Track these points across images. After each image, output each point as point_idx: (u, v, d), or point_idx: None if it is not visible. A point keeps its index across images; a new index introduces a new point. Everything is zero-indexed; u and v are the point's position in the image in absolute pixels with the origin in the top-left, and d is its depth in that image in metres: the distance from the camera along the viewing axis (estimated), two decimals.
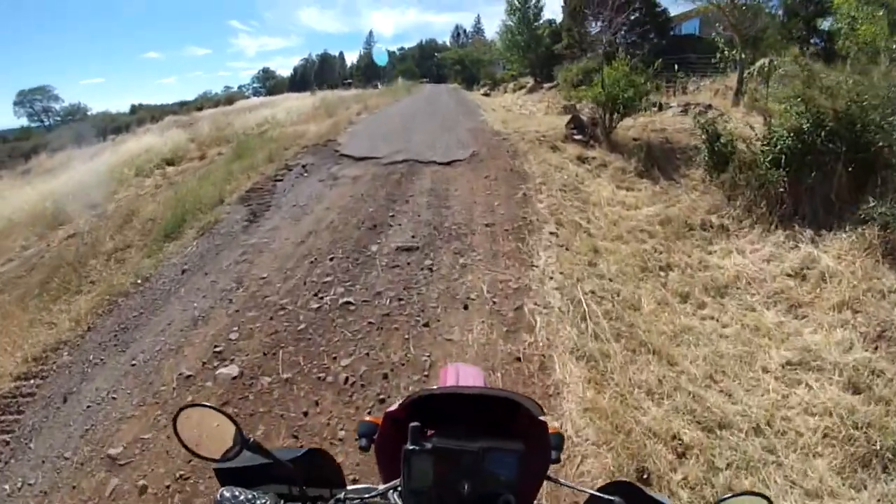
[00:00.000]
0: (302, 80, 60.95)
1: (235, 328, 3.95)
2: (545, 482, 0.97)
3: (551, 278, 4.56)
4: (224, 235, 5.78)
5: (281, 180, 7.87)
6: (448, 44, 65.33)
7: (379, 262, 4.73)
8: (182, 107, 44.84)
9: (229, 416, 0.86)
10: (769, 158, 6.90)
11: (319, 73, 62.03)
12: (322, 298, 4.16)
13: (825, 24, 16.38)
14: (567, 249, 5.20)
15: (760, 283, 5.64)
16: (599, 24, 23.74)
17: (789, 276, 5.63)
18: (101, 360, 3.98)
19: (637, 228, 6.50)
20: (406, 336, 3.64)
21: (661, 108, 12.46)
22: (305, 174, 8.12)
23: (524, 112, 16.73)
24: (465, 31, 66.34)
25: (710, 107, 11.98)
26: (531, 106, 18.36)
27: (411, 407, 0.90)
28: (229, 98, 45.26)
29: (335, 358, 3.49)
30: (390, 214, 5.99)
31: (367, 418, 1.13)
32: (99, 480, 2.72)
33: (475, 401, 0.91)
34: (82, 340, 4.31)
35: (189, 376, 3.54)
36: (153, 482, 2.65)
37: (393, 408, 0.95)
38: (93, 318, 4.57)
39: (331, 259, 4.85)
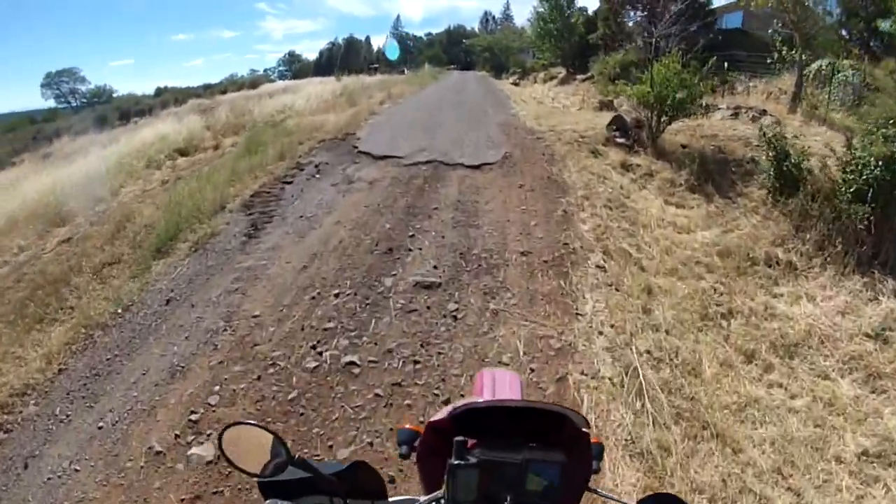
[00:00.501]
0: (328, 63, 60.03)
1: (217, 387, 3.27)
2: (585, 493, 0.93)
3: (600, 333, 3.76)
4: (219, 254, 5.09)
5: (290, 182, 7.16)
6: (476, 30, 63.78)
7: (393, 303, 3.97)
8: (206, 90, 44.50)
9: (272, 433, 0.87)
10: (851, 189, 5.93)
11: (345, 57, 60.99)
12: (321, 354, 3.43)
13: (885, 24, 14.74)
14: (617, 290, 4.38)
15: (835, 342, 4.90)
16: (638, 13, 22.39)
17: (868, 336, 4.92)
18: (68, 416, 3.38)
19: (693, 259, 5.63)
20: (421, 418, 2.89)
21: (707, 109, 11.31)
22: (318, 176, 7.40)
23: (557, 106, 15.73)
24: (493, 17, 64.63)
25: (764, 112, 10.85)
26: (564, 99, 17.31)
27: (455, 419, 0.91)
28: (253, 82, 44.76)
29: (331, 446, 2.77)
30: (409, 234, 5.21)
31: (407, 426, 1.13)
32: None
33: (518, 412, 0.92)
34: (51, 386, 3.71)
35: (159, 452, 2.90)
36: None
37: (437, 418, 0.95)
38: (65, 357, 3.96)
39: (336, 295, 4.11)
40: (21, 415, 3.49)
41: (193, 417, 3.07)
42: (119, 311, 4.35)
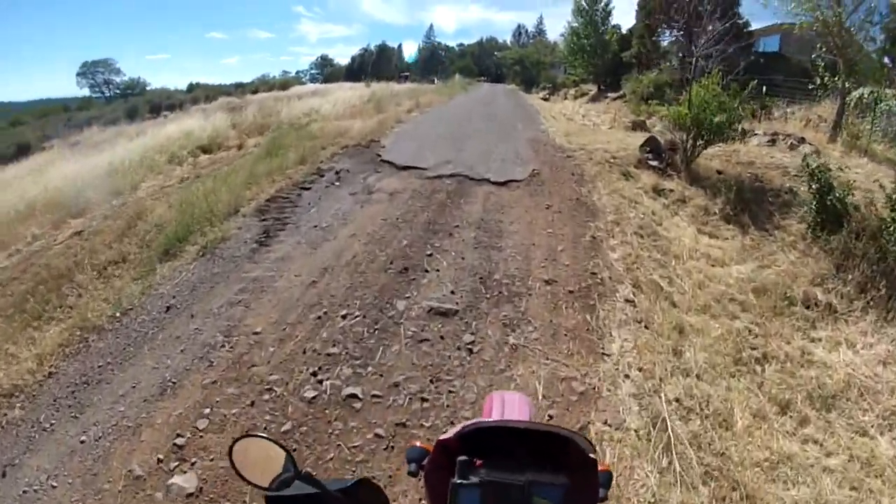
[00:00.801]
0: (359, 69, 60.54)
1: (207, 410, 3.04)
2: None
3: (627, 376, 3.43)
4: (226, 261, 4.88)
5: (308, 189, 6.97)
6: (509, 43, 63.69)
7: (404, 330, 3.69)
8: (237, 88, 45.23)
9: (282, 446, 0.88)
10: None
11: (377, 63, 61.43)
12: (321, 382, 3.16)
13: None
14: (647, 328, 4.04)
15: (875, 395, 4.51)
16: (675, 33, 21.95)
17: None
18: (52, 425, 3.22)
19: (727, 296, 5.24)
20: (429, 438, 2.60)
21: (744, 135, 10.86)
22: (337, 184, 7.19)
23: (587, 123, 15.36)
24: (526, 30, 64.44)
25: (802, 140, 10.37)
26: (595, 117, 16.95)
27: (463, 438, 0.92)
28: (284, 83, 45.31)
29: None
30: (427, 253, 4.94)
31: (417, 443, 1.12)
32: None
33: (525, 433, 0.93)
34: (40, 390, 3.56)
35: (139, 477, 2.70)
36: None
37: (446, 436, 0.94)
38: (57, 360, 3.80)
39: (343, 316, 3.84)
40: (6, 418, 3.35)
41: (179, 442, 2.85)
42: (117, 314, 4.17)
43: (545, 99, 27.55)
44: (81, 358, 3.77)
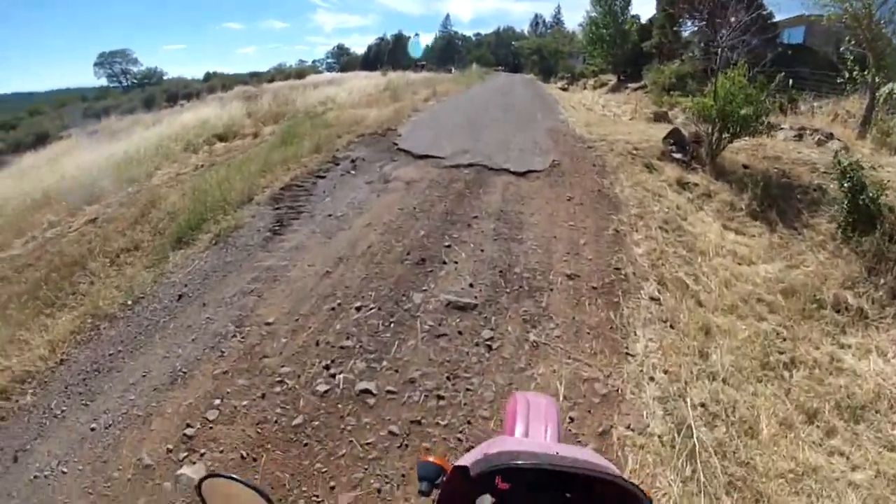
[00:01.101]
0: (375, 58, 60.36)
1: (217, 401, 2.97)
2: None
3: (652, 379, 3.29)
4: (239, 249, 4.82)
5: (323, 177, 6.88)
6: (526, 33, 62.90)
7: (420, 323, 3.58)
8: (253, 77, 45.39)
9: (255, 488, 0.82)
10: None
11: (393, 53, 61.16)
12: (334, 376, 3.08)
13: None
14: (672, 327, 3.89)
15: None
16: (697, 23, 21.39)
17: None
18: (63, 411, 3.20)
19: (754, 296, 5.05)
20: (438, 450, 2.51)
21: (771, 129, 10.53)
22: (353, 172, 7.10)
23: (607, 114, 15.04)
24: (544, 20, 63.57)
25: (831, 136, 10.00)
26: (615, 107, 16.60)
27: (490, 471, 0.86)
28: (300, 72, 45.33)
29: (332, 487, 2.42)
30: (445, 244, 4.81)
31: (431, 458, 1.06)
32: None
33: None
34: (51, 376, 3.53)
35: (148, 466, 2.66)
36: None
37: (465, 463, 0.87)
38: (69, 347, 3.78)
39: (358, 308, 3.75)
40: (17, 404, 3.34)
41: (189, 432, 2.80)
42: (129, 302, 4.13)
43: (564, 89, 27.13)
44: (93, 346, 3.73)
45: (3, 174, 15.15)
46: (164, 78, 49.01)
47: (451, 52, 60.98)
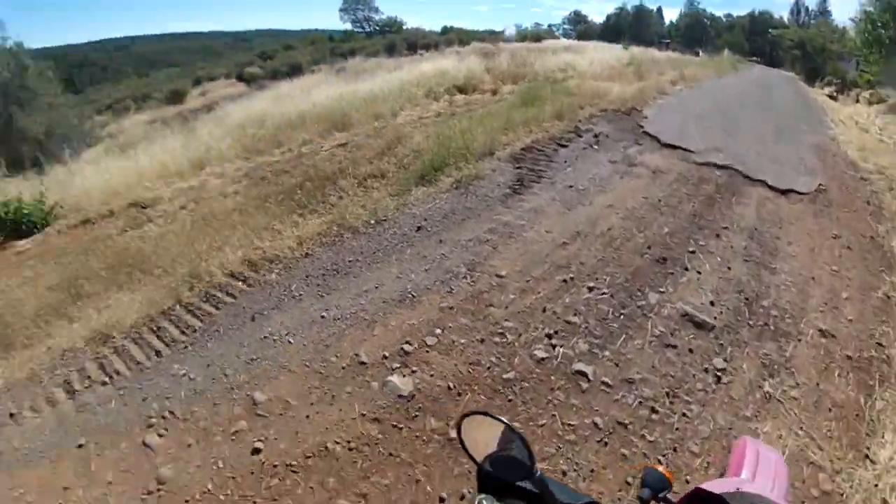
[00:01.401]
0: (613, 30, 58.73)
1: (438, 330, 3.45)
2: None
3: (885, 502, 2.73)
4: (479, 199, 5.40)
5: (565, 146, 7.14)
6: (786, 20, 54.36)
7: (651, 325, 3.57)
8: (490, 35, 48.05)
9: (517, 432, 0.95)
10: None
11: (633, 26, 58.79)
12: (554, 347, 3.28)
13: None
14: None
15: None
16: None
17: None
18: (300, 295, 4.04)
19: None
20: (628, 481, 2.51)
21: None
22: (596, 147, 7.21)
23: (886, 140, 12.23)
24: (807, 8, 53.95)
25: None
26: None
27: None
28: (537, 35, 46.39)
29: None
30: (690, 249, 4.64)
31: (660, 468, 1.11)
32: (234, 415, 2.90)
33: None
34: (296, 264, 4.47)
35: (363, 363, 3.24)
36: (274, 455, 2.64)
37: (712, 488, 1.01)
38: (314, 245, 4.72)
39: (590, 288, 3.89)
40: (264, 278, 4.30)
41: (406, 348, 3.30)
42: (372, 221, 4.97)
43: (832, 97, 22.67)
44: (336, 249, 4.60)
45: (263, 96, 18.94)
46: (404, 28, 55.03)
47: (697, 32, 56.25)
